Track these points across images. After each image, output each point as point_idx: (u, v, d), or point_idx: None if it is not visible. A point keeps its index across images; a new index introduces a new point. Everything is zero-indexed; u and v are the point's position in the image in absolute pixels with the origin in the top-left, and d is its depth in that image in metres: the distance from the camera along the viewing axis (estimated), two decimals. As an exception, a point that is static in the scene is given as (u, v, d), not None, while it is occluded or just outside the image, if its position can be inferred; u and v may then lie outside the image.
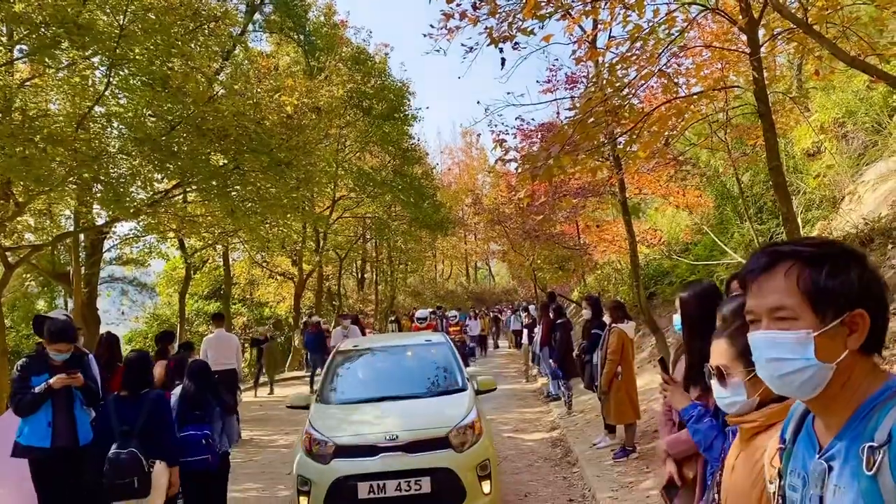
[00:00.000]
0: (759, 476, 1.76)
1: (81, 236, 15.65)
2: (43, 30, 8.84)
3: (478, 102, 22.77)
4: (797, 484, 1.39)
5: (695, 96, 6.71)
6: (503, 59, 6.07)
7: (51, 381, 5.43)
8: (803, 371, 1.32)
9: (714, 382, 2.09)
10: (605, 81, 6.71)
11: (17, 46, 10.28)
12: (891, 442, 1.16)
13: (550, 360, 12.72)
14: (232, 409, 6.35)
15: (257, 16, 22.18)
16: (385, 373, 7.87)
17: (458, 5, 7.35)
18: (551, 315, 12.91)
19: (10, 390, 6.11)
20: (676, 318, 3.82)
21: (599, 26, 8.43)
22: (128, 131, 10.76)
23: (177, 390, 6.28)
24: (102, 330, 17.25)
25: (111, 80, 10.22)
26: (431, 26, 7.76)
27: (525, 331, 18.56)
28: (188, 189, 13.18)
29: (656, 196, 15.59)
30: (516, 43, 6.19)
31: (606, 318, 8.98)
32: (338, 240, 30.10)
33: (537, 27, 6.86)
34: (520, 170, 6.59)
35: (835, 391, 1.33)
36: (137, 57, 10.01)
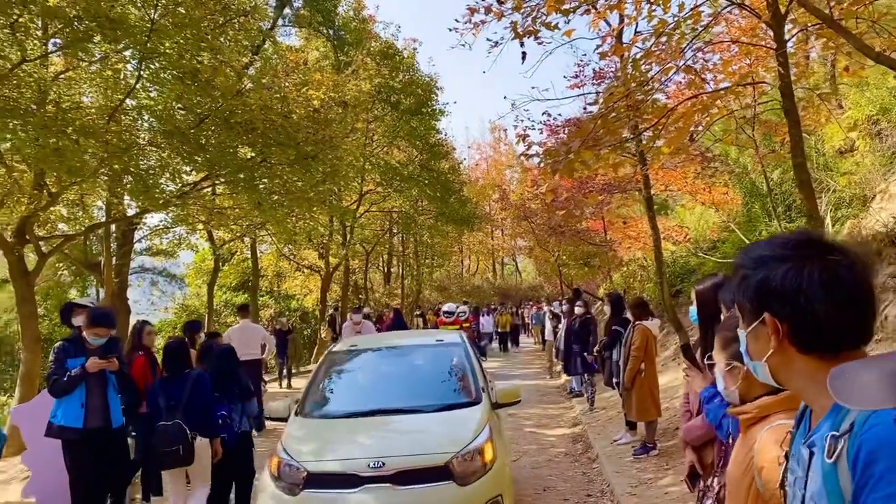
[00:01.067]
0: (749, 465, 1.80)
1: (113, 227, 15.96)
2: (76, 24, 9.02)
3: (504, 97, 22.68)
4: (795, 467, 1.43)
5: (720, 92, 6.65)
6: (524, 54, 6.07)
7: (87, 364, 5.60)
8: (750, 365, 1.49)
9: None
10: (628, 76, 6.69)
11: (52, 40, 10.49)
12: (851, 431, 1.19)
13: (585, 354, 12.43)
14: (249, 394, 6.49)
15: (287, 10, 22.36)
16: (383, 380, 6.64)
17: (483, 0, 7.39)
18: (577, 311, 12.86)
19: (43, 375, 6.31)
20: (692, 309, 3.93)
21: (625, 21, 8.39)
22: (157, 124, 10.95)
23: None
24: (132, 319, 17.64)
25: (142, 73, 10.39)
26: (457, 20, 7.80)
27: (549, 327, 18.53)
28: (217, 182, 13.37)
29: (683, 193, 15.42)
30: (537, 37, 6.17)
31: (629, 316, 8.97)
32: (364, 233, 30.23)
33: (562, 22, 6.87)
34: (542, 164, 6.60)
35: (795, 385, 1.41)
36: (167, 51, 10.16)
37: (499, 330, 27.25)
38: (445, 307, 18.02)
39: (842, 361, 1.28)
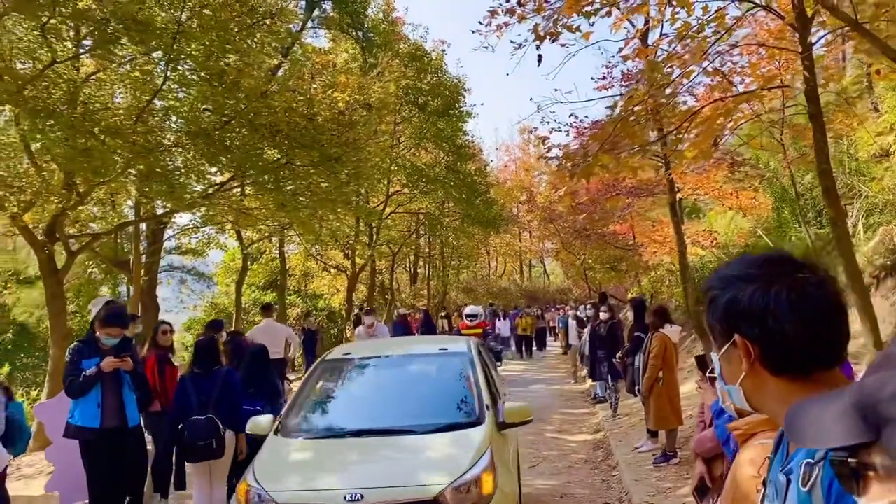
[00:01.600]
0: (731, 484, 1.76)
1: (143, 226, 16.20)
2: (104, 26, 9.17)
3: (531, 99, 22.53)
4: (772, 495, 1.38)
5: (743, 95, 6.52)
6: (539, 57, 6.02)
7: (102, 363, 5.66)
8: (724, 389, 1.43)
9: None
10: (653, 79, 6.59)
11: (83, 42, 10.68)
12: (826, 458, 1.13)
13: (611, 360, 12.23)
14: (278, 394, 6.65)
15: (316, 12, 22.52)
16: (375, 395, 5.92)
17: (506, 1, 7.35)
18: (602, 317, 12.71)
19: (64, 373, 6.41)
20: None
21: (650, 23, 8.28)
22: (183, 125, 11.08)
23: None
24: (161, 317, 17.89)
25: (168, 74, 10.53)
26: (479, 23, 7.78)
27: (574, 331, 18.39)
28: (244, 182, 13.50)
29: (710, 197, 15.21)
30: (555, 40, 6.11)
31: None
32: (391, 234, 30.31)
33: (586, 24, 6.80)
34: (560, 167, 6.54)
35: (770, 409, 1.35)
36: (194, 52, 10.28)
37: (518, 333, 25.63)
38: (468, 310, 15.93)
39: (814, 383, 1.25)
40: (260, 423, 5.40)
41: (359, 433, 5.14)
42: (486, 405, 5.32)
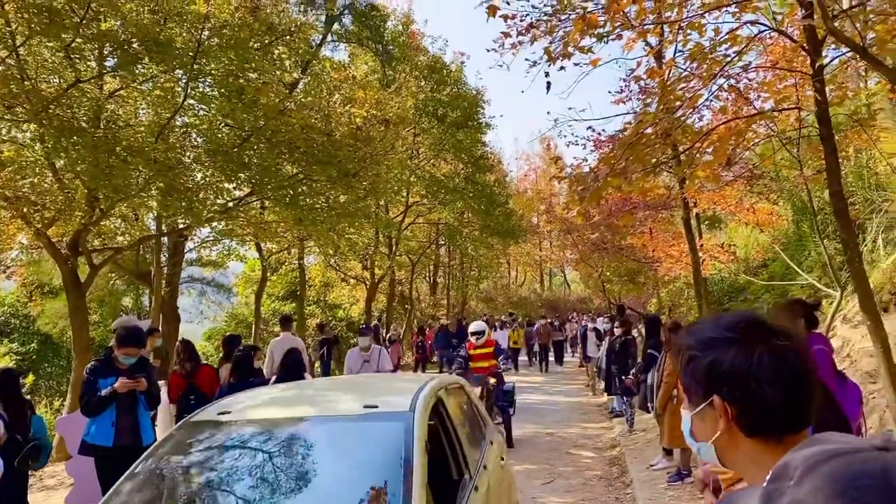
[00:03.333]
0: None
1: (165, 238, 16.44)
2: (126, 46, 9.38)
3: (548, 113, 22.57)
4: None
5: (755, 116, 6.52)
6: (548, 84, 6.07)
7: (116, 384, 5.78)
8: (697, 447, 1.47)
9: None
10: (668, 98, 6.61)
11: (105, 61, 10.92)
12: None
13: (623, 377, 12.05)
14: None
15: (336, 26, 22.76)
16: (238, 495, 3.49)
17: (520, 21, 7.42)
18: (616, 332, 12.66)
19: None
20: None
21: (663, 43, 8.30)
22: (203, 142, 11.26)
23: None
24: (182, 327, 18.11)
25: (188, 92, 10.72)
26: (494, 41, 7.85)
27: (592, 344, 18.32)
28: (263, 197, 13.69)
29: (726, 212, 15.11)
30: (567, 59, 6.16)
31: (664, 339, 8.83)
32: (410, 244, 30.44)
33: (596, 45, 6.84)
34: (571, 190, 6.57)
35: (740, 466, 1.39)
36: (213, 71, 10.47)
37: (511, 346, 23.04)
38: (473, 326, 11.83)
39: (785, 444, 1.29)
40: None
41: None
42: None
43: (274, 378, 7.23)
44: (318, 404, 4.34)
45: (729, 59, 5.82)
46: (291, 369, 6.90)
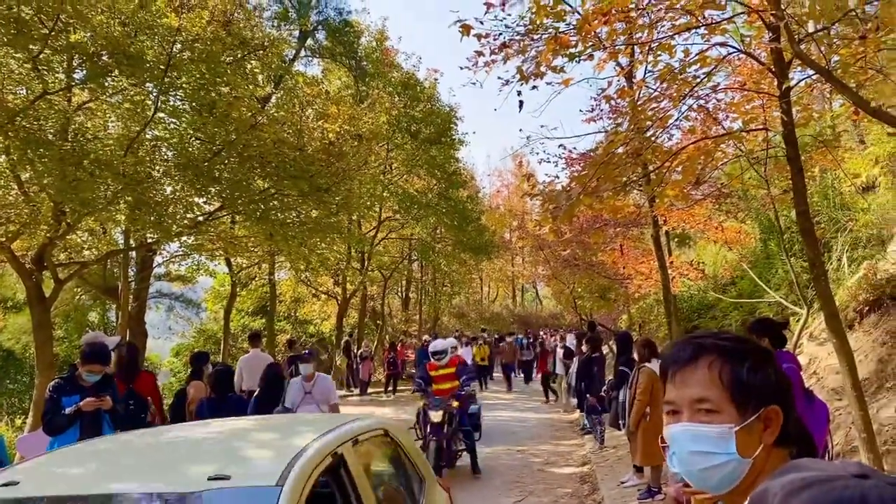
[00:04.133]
0: None
1: (133, 253, 16.18)
2: (96, 59, 9.26)
3: (520, 130, 22.66)
4: None
5: (724, 136, 6.63)
6: (521, 102, 6.11)
7: (80, 403, 5.64)
8: (724, 465, 1.35)
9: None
10: (638, 118, 6.70)
11: (74, 73, 10.77)
12: None
13: (588, 395, 11.99)
14: None
15: (309, 41, 22.74)
16: None
17: (493, 40, 7.47)
18: (584, 349, 12.64)
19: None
20: None
21: (633, 64, 8.41)
22: (173, 156, 11.15)
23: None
24: (149, 343, 17.80)
25: (158, 105, 10.61)
26: (468, 59, 7.91)
27: (560, 360, 18.34)
28: (233, 211, 13.56)
29: (695, 230, 15.32)
30: (535, 84, 6.22)
31: (636, 356, 8.86)
32: (383, 259, 30.34)
33: (568, 65, 6.91)
34: (543, 209, 6.61)
35: (746, 485, 1.35)
36: (185, 84, 10.38)
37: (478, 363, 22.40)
38: (433, 345, 10.90)
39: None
40: None
41: None
42: None
43: (256, 392, 7.38)
44: (146, 471, 2.92)
45: (698, 80, 5.91)
46: (272, 384, 6.87)
